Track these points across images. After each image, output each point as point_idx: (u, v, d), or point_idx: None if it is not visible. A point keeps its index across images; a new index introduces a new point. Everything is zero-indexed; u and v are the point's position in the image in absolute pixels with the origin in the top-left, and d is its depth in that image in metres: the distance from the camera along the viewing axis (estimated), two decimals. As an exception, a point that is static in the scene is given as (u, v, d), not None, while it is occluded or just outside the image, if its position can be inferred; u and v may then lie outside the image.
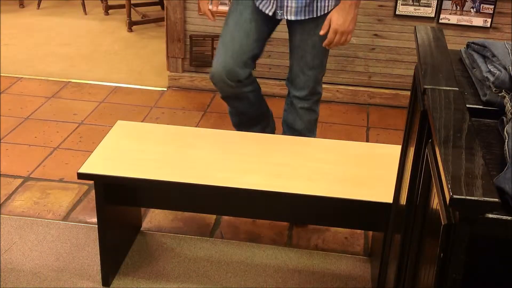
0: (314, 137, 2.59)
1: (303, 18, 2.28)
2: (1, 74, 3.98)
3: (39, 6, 5.49)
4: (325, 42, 2.25)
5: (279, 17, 2.32)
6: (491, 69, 1.40)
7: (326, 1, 2.28)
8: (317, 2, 2.27)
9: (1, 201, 2.68)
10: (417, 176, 1.39)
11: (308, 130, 2.54)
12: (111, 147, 2.20)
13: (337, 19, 2.20)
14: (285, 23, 2.40)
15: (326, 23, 2.23)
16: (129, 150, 2.18)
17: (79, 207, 2.66)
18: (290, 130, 2.54)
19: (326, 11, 2.30)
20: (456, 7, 3.41)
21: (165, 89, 3.88)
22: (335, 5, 2.32)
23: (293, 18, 2.29)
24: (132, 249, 2.39)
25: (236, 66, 2.32)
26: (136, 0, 5.29)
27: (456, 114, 1.20)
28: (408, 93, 1.68)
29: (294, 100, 2.47)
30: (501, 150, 1.17)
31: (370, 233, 2.48)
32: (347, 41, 2.27)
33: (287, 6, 2.27)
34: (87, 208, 2.65)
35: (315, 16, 2.29)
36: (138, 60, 4.40)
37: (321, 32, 2.24)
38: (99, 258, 2.18)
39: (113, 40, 4.81)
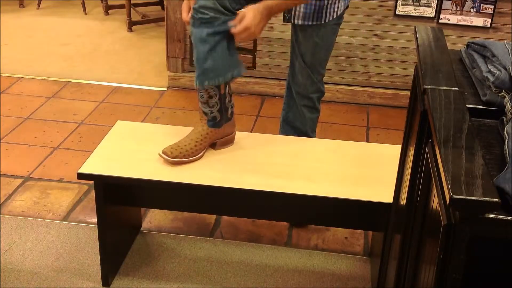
0: (314, 136, 2.59)
1: (310, 23, 2.27)
2: (1, 74, 3.98)
3: (39, 6, 5.49)
4: (231, 31, 2.07)
5: (285, 21, 2.32)
6: (491, 69, 1.40)
7: (335, 8, 2.27)
8: (326, 9, 2.26)
9: (1, 201, 2.68)
10: (417, 176, 1.39)
11: (311, 129, 2.54)
12: (111, 147, 2.20)
13: (252, 19, 2.06)
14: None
15: (239, 17, 2.07)
16: (129, 150, 2.17)
17: (79, 207, 2.66)
18: (291, 128, 2.53)
19: (334, 17, 2.29)
20: (456, 7, 3.41)
21: (165, 89, 3.88)
22: (343, 9, 2.32)
23: (300, 22, 2.29)
24: (132, 249, 2.39)
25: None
26: (136, 0, 5.29)
27: (456, 114, 1.20)
28: (408, 93, 1.68)
29: (297, 97, 2.47)
30: (501, 150, 1.17)
31: (370, 233, 2.48)
32: (246, 40, 2.16)
33: (295, 11, 2.27)
34: (87, 208, 2.65)
35: (322, 22, 2.28)
36: (138, 60, 4.41)
37: (232, 23, 2.06)
38: (99, 258, 2.18)
39: (113, 40, 4.81)
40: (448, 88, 1.31)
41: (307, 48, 2.36)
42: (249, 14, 2.09)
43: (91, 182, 2.19)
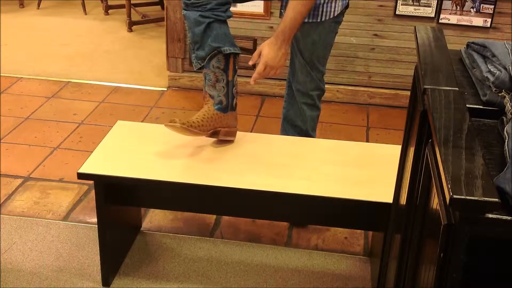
0: (315, 136, 2.59)
1: (306, 20, 2.28)
2: (1, 74, 3.98)
3: (39, 6, 5.49)
4: (254, 74, 2.20)
5: (282, 17, 2.32)
6: (491, 69, 1.40)
7: (332, 7, 2.27)
8: (322, 7, 2.26)
9: (1, 201, 2.68)
10: (417, 176, 1.39)
11: (312, 127, 2.54)
12: (111, 147, 2.20)
13: (268, 53, 2.16)
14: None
15: (256, 53, 2.20)
16: (129, 150, 2.17)
17: (79, 207, 2.66)
18: (292, 127, 2.53)
19: (330, 16, 2.29)
20: (456, 7, 3.41)
21: (165, 89, 3.88)
22: (341, 11, 2.32)
23: None
24: (132, 249, 2.39)
25: None
26: (136, 0, 5.29)
27: (456, 114, 1.20)
28: (408, 93, 1.68)
29: (297, 94, 2.48)
30: (501, 150, 1.16)
31: (370, 233, 2.48)
32: (276, 74, 2.24)
33: None
34: (87, 208, 2.65)
35: (318, 20, 2.29)
36: (138, 60, 4.41)
37: (250, 63, 2.20)
38: (99, 258, 2.18)
39: (113, 40, 4.81)
40: (448, 88, 1.31)
41: (306, 45, 2.36)
42: (264, 50, 2.16)
43: (91, 182, 2.20)
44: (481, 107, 1.36)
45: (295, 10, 2.15)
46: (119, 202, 2.26)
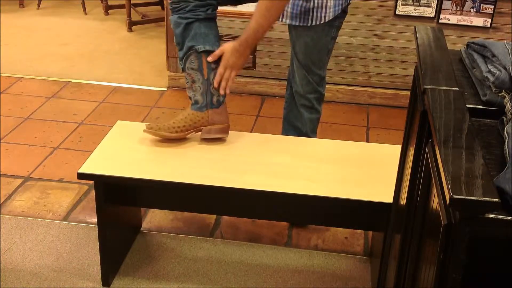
0: (315, 137, 2.59)
1: (297, 24, 2.29)
2: (1, 74, 3.98)
3: (39, 6, 5.50)
4: (216, 77, 2.19)
5: None
6: (491, 69, 1.40)
7: (322, 13, 2.28)
8: (312, 13, 2.27)
9: (1, 201, 2.68)
10: (417, 176, 1.39)
11: (311, 130, 2.54)
12: (111, 147, 2.20)
13: (229, 58, 2.17)
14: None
15: (218, 52, 2.18)
16: (129, 150, 2.17)
17: (79, 207, 2.66)
18: (292, 128, 2.54)
19: (321, 21, 2.29)
20: (456, 7, 3.41)
21: (165, 89, 3.88)
22: (336, 16, 2.32)
23: (288, 22, 2.32)
24: (132, 249, 2.39)
25: None
26: (136, 0, 5.29)
27: (456, 114, 1.20)
28: (408, 93, 1.68)
29: (296, 96, 2.49)
30: (501, 150, 1.17)
31: (370, 233, 2.48)
32: (236, 74, 2.24)
33: (284, 10, 2.29)
34: (87, 208, 2.65)
35: (309, 25, 2.29)
36: (138, 60, 4.41)
37: (209, 59, 2.18)
38: (99, 258, 2.18)
39: (113, 40, 4.81)
40: (448, 88, 1.31)
41: (300, 47, 2.37)
42: (226, 54, 2.18)
43: (91, 182, 2.20)
44: (481, 107, 1.36)
45: (258, 22, 2.14)
46: (119, 202, 2.26)
